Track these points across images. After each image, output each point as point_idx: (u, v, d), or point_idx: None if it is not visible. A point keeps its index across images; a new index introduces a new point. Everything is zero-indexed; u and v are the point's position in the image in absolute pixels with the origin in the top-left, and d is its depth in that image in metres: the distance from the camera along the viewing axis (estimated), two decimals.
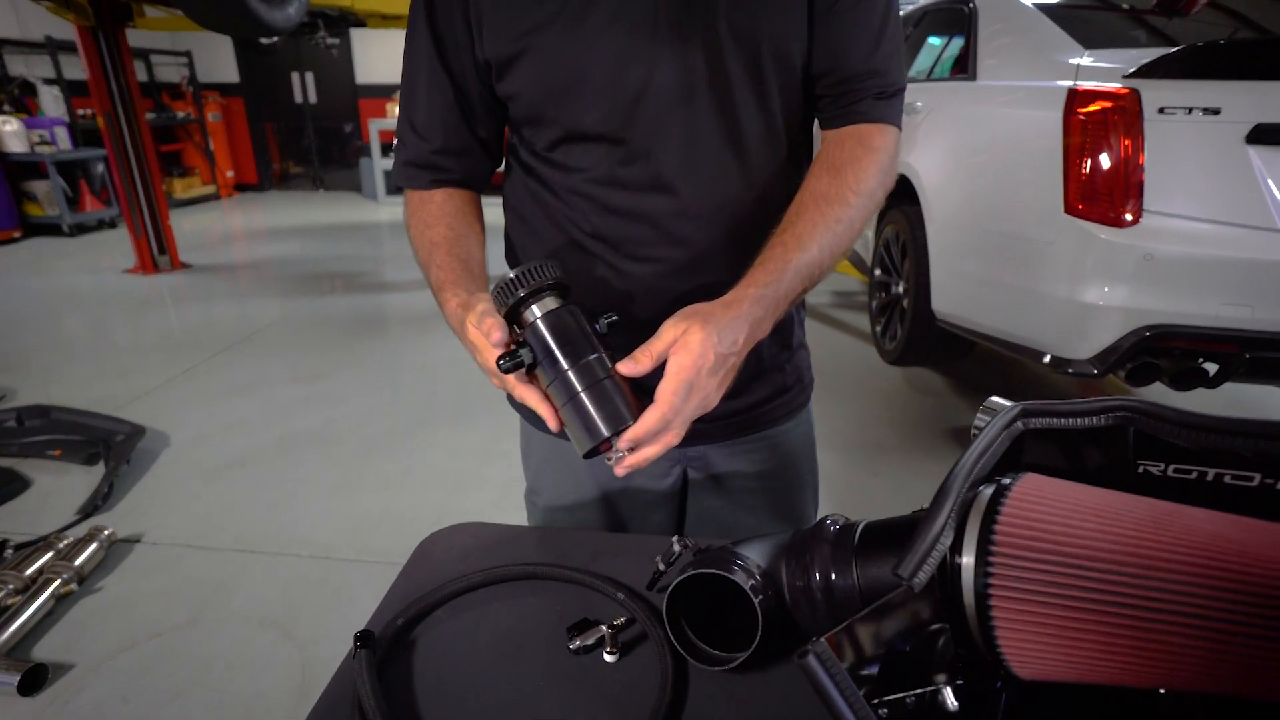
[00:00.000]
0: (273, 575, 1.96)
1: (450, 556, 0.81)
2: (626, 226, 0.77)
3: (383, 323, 4.16)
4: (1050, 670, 0.46)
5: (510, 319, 0.63)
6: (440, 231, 0.78)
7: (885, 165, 0.74)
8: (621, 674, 0.64)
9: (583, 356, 0.61)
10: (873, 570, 0.60)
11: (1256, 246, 1.57)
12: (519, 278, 0.61)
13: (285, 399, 3.06)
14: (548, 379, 0.62)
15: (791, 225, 0.70)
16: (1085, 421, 0.62)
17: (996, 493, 0.53)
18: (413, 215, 0.82)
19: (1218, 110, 1.57)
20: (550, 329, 0.62)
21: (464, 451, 2.64)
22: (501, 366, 0.60)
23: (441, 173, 0.81)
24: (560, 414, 0.63)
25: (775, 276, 0.67)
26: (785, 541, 0.68)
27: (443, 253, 0.76)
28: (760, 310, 0.65)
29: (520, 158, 0.83)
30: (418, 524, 2.17)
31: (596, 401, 0.61)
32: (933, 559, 0.50)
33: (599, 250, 0.79)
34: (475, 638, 0.67)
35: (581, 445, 0.62)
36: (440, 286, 0.74)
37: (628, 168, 0.74)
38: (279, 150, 9.06)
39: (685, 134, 0.73)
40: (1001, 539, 0.49)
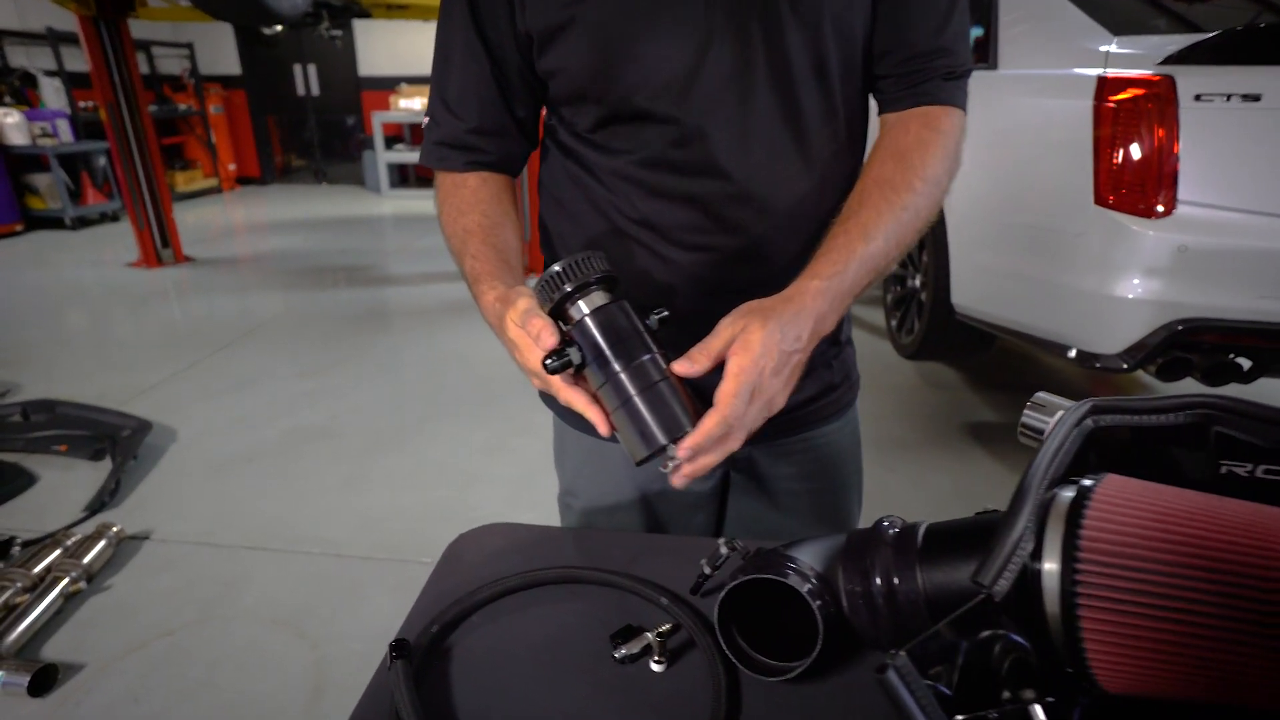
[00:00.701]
0: (283, 573, 1.93)
1: (481, 558, 0.77)
2: (675, 212, 0.73)
3: (387, 317, 4.12)
4: (1142, 684, 0.43)
5: (554, 315, 0.59)
6: (474, 219, 0.74)
7: (952, 150, 0.70)
8: (670, 684, 0.61)
9: (636, 357, 0.57)
10: (939, 575, 0.57)
11: None
12: (565, 271, 0.57)
13: (291, 393, 3.03)
14: (598, 381, 0.58)
15: (855, 214, 0.66)
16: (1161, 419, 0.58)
17: (1079, 495, 0.50)
18: (445, 200, 0.77)
19: (1258, 96, 1.53)
20: (600, 327, 0.57)
21: (472, 447, 2.60)
22: (548, 367, 0.56)
23: (476, 154, 0.77)
24: (612, 418, 0.58)
25: (839, 268, 0.63)
26: (840, 545, 0.65)
27: (478, 241, 0.72)
28: (824, 304, 0.61)
29: (559, 140, 0.79)
30: (428, 521, 2.17)
31: (652, 406, 0.57)
32: (1013, 566, 0.47)
33: (645, 237, 0.75)
34: (513, 645, 0.64)
35: (636, 452, 0.58)
36: (476, 278, 0.70)
37: (679, 149, 0.70)
38: (281, 143, 9.00)
39: (741, 113, 0.69)
40: (1088, 544, 0.46)
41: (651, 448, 0.57)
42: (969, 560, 0.56)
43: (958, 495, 2.24)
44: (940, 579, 0.57)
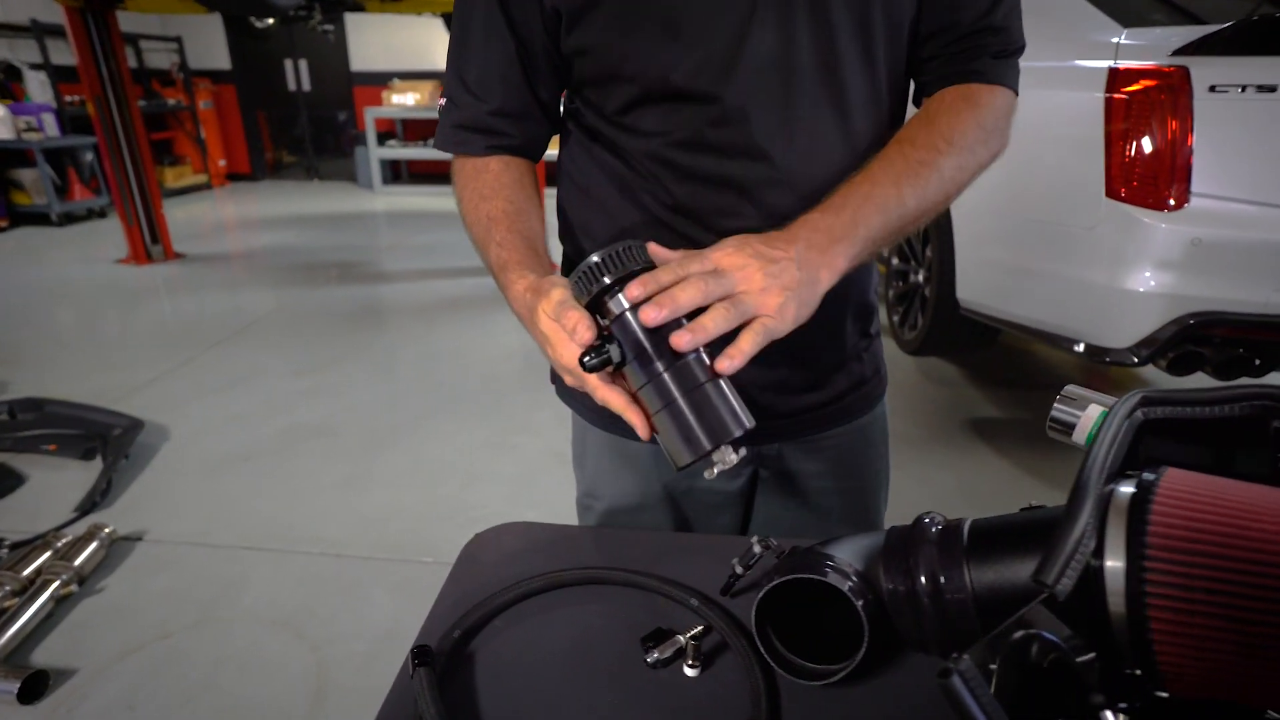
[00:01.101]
0: (282, 573, 1.89)
1: (499, 559, 0.75)
2: (712, 196, 0.70)
3: (383, 314, 4.07)
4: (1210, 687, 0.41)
5: (591, 309, 0.55)
6: (499, 205, 0.70)
7: (988, 123, 0.67)
8: (705, 689, 0.58)
9: (682, 355, 0.53)
10: (988, 574, 0.55)
11: None
12: (604, 262, 0.53)
13: (287, 391, 2.98)
14: (639, 381, 0.54)
15: (866, 167, 0.64)
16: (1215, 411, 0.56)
17: (1141, 490, 0.47)
18: (465, 186, 0.74)
19: (1274, 88, 1.51)
20: (642, 323, 0.53)
21: (472, 445, 2.57)
22: (586, 365, 0.52)
23: (498, 137, 0.73)
24: (653, 421, 0.55)
25: (834, 205, 0.60)
26: (879, 543, 0.62)
27: (503, 229, 0.68)
28: (814, 233, 0.58)
29: (584, 123, 0.75)
30: (429, 520, 2.13)
31: (698, 409, 0.53)
32: (1076, 564, 0.45)
33: (679, 224, 0.72)
34: (539, 649, 0.61)
35: (680, 458, 0.54)
36: (503, 267, 0.66)
37: (718, 130, 0.67)
38: (272, 139, 8.90)
39: (784, 92, 0.65)
40: (1157, 540, 0.44)
41: (697, 453, 0.53)
42: (1020, 559, 0.54)
43: (961, 492, 2.22)
44: (990, 578, 0.54)
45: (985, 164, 0.68)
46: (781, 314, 0.54)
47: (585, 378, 0.55)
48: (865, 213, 0.60)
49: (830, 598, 0.57)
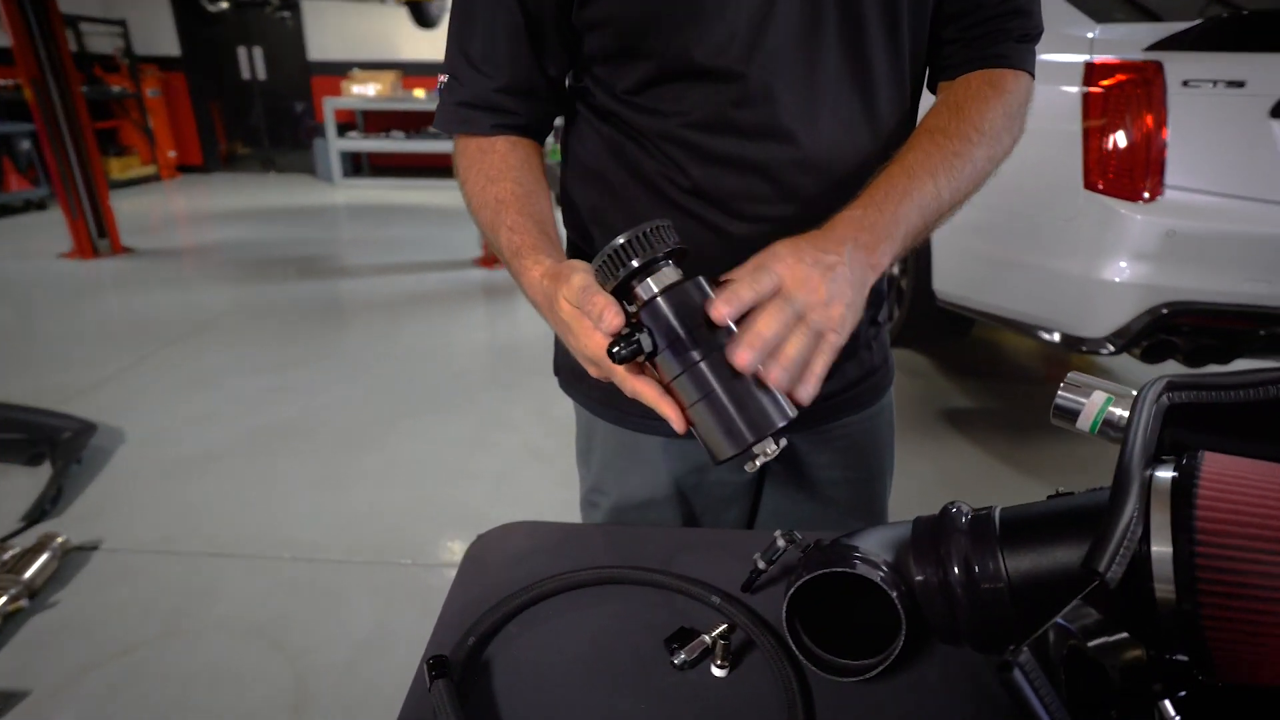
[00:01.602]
0: (254, 580, 1.81)
1: (506, 561, 0.72)
2: (733, 179, 0.67)
3: (350, 309, 3.96)
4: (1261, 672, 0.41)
5: (617, 295, 0.52)
6: (507, 187, 0.67)
7: (1013, 109, 0.66)
8: (735, 689, 0.56)
9: (718, 343, 0.50)
10: (1024, 563, 0.54)
11: (1277, 221, 1.57)
12: (631, 244, 0.50)
13: (253, 390, 2.87)
14: (672, 371, 0.51)
15: (900, 157, 0.62)
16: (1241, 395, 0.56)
17: (1184, 474, 0.47)
18: (470, 167, 0.70)
19: (1242, 83, 1.56)
20: (676, 309, 0.50)
21: (449, 441, 2.51)
22: (616, 355, 0.48)
23: (504, 116, 0.70)
24: (689, 414, 0.51)
25: (875, 199, 0.58)
26: (904, 534, 0.61)
27: (513, 212, 0.65)
28: (861, 231, 0.56)
29: (593, 102, 0.72)
30: (408, 520, 2.07)
31: (739, 399, 0.50)
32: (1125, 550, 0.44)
33: (697, 208, 0.69)
34: (559, 654, 0.59)
35: (721, 451, 0.51)
36: (516, 252, 0.62)
37: (742, 110, 0.64)
38: (225, 130, 8.58)
39: (809, 70, 0.63)
40: (1206, 525, 0.43)
41: (739, 446, 0.50)
42: (1055, 546, 0.53)
43: (943, 483, 2.25)
44: (1026, 567, 0.53)
45: (1009, 152, 0.67)
46: (842, 327, 0.53)
47: (613, 369, 0.52)
48: (905, 209, 0.58)
49: (859, 591, 0.56)
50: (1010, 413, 2.80)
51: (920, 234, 0.61)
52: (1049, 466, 2.37)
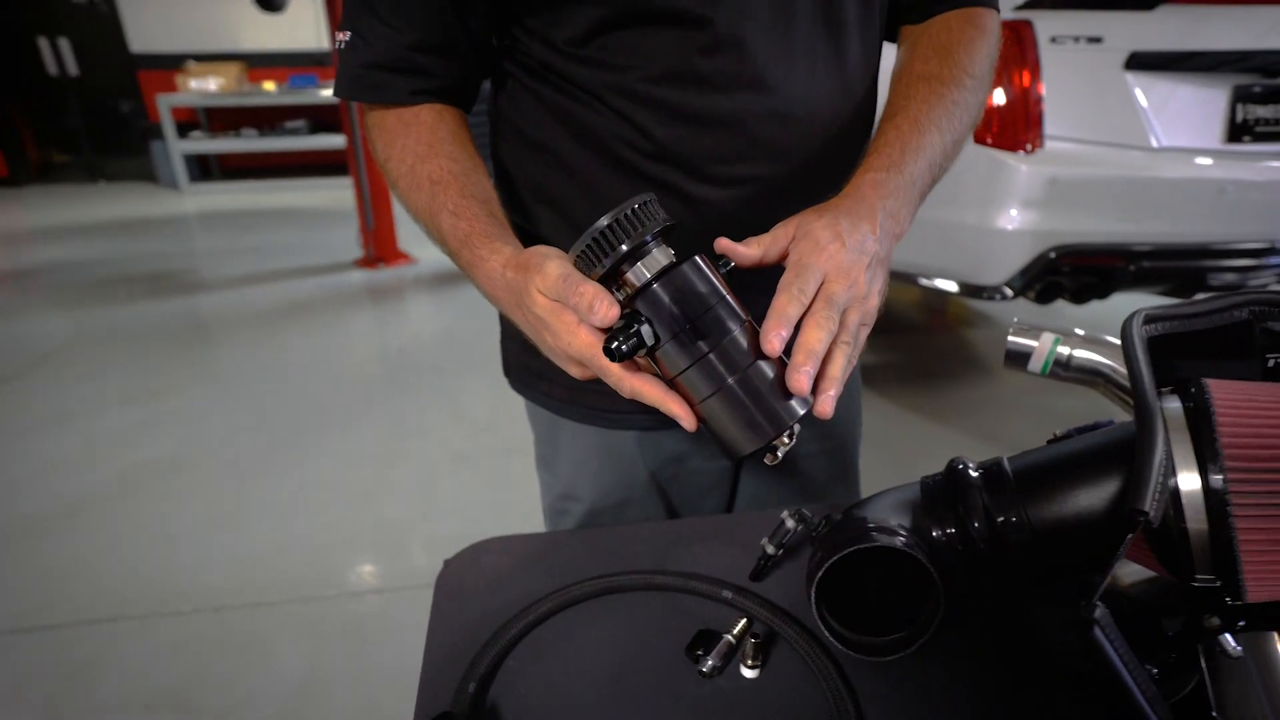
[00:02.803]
0: (150, 642, 1.58)
1: (485, 585, 0.65)
2: (703, 137, 0.61)
3: (218, 326, 3.57)
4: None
5: (604, 284, 0.46)
6: (442, 164, 0.58)
7: (993, 49, 0.65)
8: (771, 688, 0.53)
9: (728, 330, 0.44)
10: (1047, 511, 0.53)
11: (1137, 165, 1.73)
12: (617, 225, 0.44)
13: (119, 426, 2.51)
14: (679, 364, 0.45)
15: (903, 108, 0.59)
16: (1210, 321, 0.59)
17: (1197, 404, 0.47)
18: (392, 143, 0.60)
19: (1100, 39, 1.70)
20: (677, 295, 0.44)
21: (360, 457, 2.32)
22: (615, 352, 0.42)
23: (423, 79, 0.60)
24: (700, 409, 0.46)
25: (894, 158, 0.55)
26: (912, 495, 0.60)
27: (454, 194, 0.57)
28: (887, 197, 0.53)
29: (526, 60, 0.63)
30: (327, 548, 1.88)
31: (757, 390, 0.45)
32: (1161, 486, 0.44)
33: (662, 174, 0.62)
34: (574, 683, 0.54)
35: (741, 446, 0.46)
36: (465, 241, 0.55)
37: (710, 58, 0.58)
38: (34, 136, 7.46)
39: (780, 13, 0.58)
40: (1232, 452, 0.44)
41: (762, 439, 0.46)
42: (1074, 491, 0.53)
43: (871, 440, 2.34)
44: (1050, 514, 0.53)
45: (989, 94, 0.66)
46: (875, 316, 0.50)
47: (607, 367, 0.45)
48: (919, 168, 0.55)
49: (880, 564, 0.54)
50: (910, 363, 2.97)
51: (927, 193, 0.58)
52: (956, 410, 2.53)
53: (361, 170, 4.13)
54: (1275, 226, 1.78)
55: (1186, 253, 1.80)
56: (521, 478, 2.19)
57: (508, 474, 2.22)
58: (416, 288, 4.02)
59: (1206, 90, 1.74)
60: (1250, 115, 1.73)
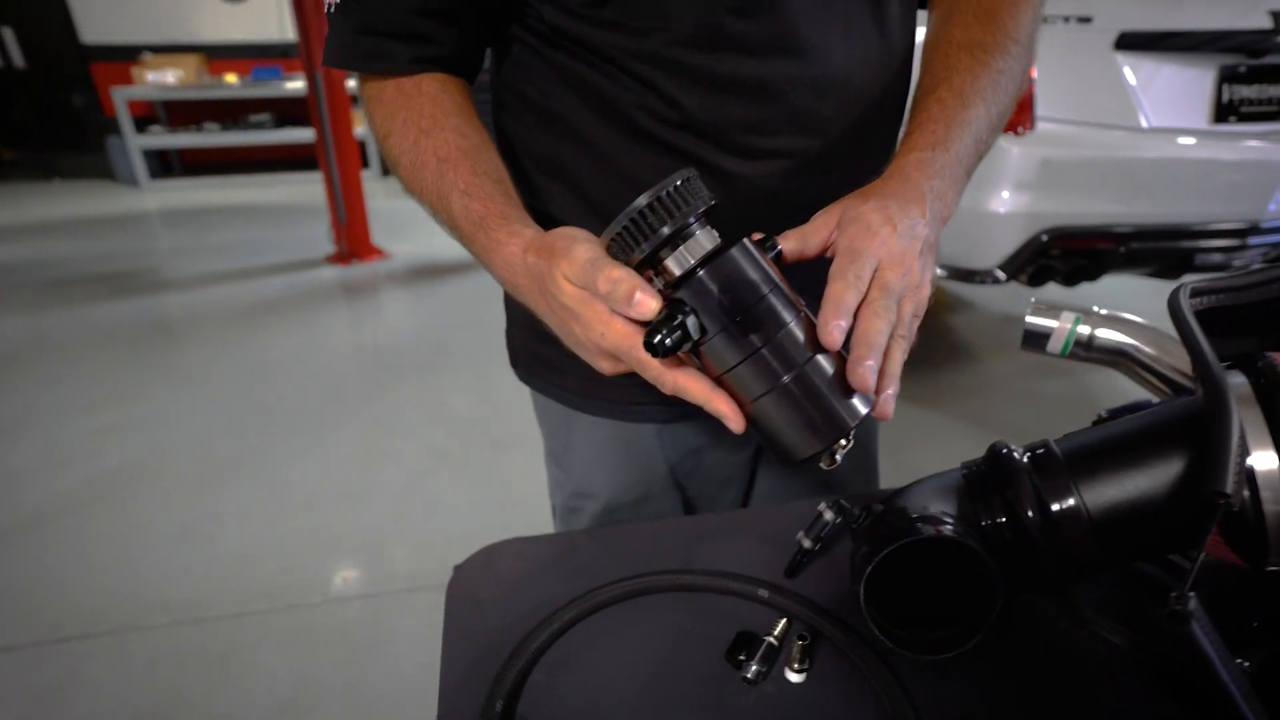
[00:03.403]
0: (125, 660, 1.49)
1: (501, 593, 0.60)
2: (735, 106, 0.56)
3: (185, 328, 3.43)
4: None
5: (641, 269, 0.41)
6: (449, 139, 0.53)
7: (1038, 10, 0.61)
8: (819, 693, 0.50)
9: (783, 321, 0.40)
10: (1102, 495, 0.50)
11: (1128, 146, 1.73)
12: (659, 204, 0.39)
13: (82, 433, 2.39)
14: (728, 359, 0.41)
15: (945, 79, 0.55)
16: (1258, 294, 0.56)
17: (1270, 378, 0.45)
18: (392, 116, 0.55)
19: (1089, 19, 1.69)
20: (726, 284, 0.40)
21: (339, 459, 2.24)
22: (658, 346, 0.38)
23: (424, 46, 0.55)
24: (752, 409, 0.42)
25: (939, 136, 0.51)
26: (954, 482, 0.56)
27: (465, 171, 0.52)
28: (933, 178, 0.49)
29: (536, 25, 0.58)
30: (309, 553, 1.81)
31: (815, 389, 0.40)
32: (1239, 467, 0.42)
33: (689, 146, 0.58)
34: (608, 693, 0.50)
35: (798, 451, 0.42)
36: (480, 222, 0.50)
37: (743, 19, 0.53)
38: None
39: None
40: None
41: (822, 443, 0.41)
42: (1134, 473, 0.50)
43: None
44: (1107, 499, 0.50)
45: (1034, 58, 0.62)
46: (925, 307, 0.46)
47: (645, 362, 0.41)
48: (965, 144, 0.52)
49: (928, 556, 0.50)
50: None
51: (973, 171, 0.54)
52: (944, 396, 2.53)
53: (332, 164, 4.00)
54: (1259, 206, 1.80)
55: (1176, 233, 1.81)
56: (510, 475, 2.14)
57: (495, 472, 2.16)
58: (391, 283, 3.92)
59: (1194, 70, 1.74)
60: (1236, 95, 1.74)
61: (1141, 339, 0.81)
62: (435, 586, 1.69)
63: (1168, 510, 0.47)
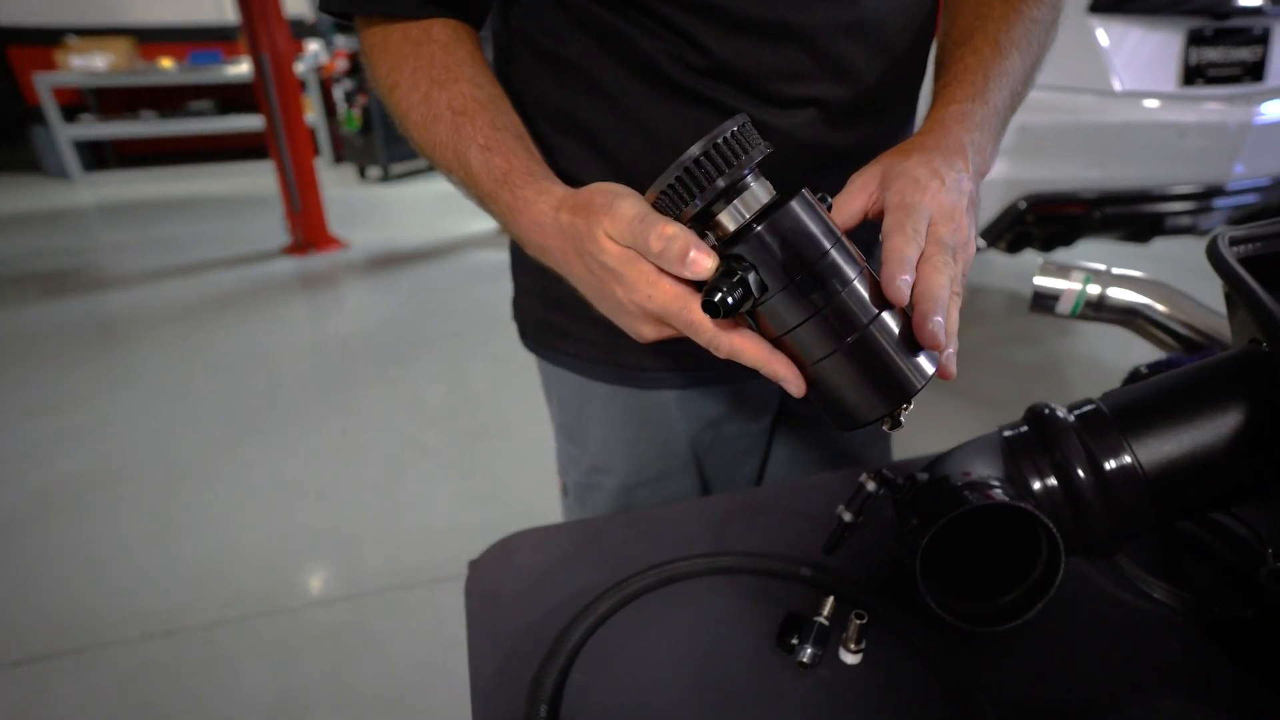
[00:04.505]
0: (94, 677, 1.41)
1: (521, 585, 0.57)
2: (766, 51, 0.53)
3: (134, 326, 3.26)
4: None
5: (695, 224, 0.38)
6: (464, 90, 0.49)
7: None
8: (878, 675, 0.48)
9: (848, 278, 0.37)
10: (1157, 452, 0.49)
11: (1102, 110, 1.75)
12: (714, 153, 0.35)
13: (28, 440, 2.24)
14: (790, 319, 0.38)
15: (980, 28, 0.52)
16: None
17: None
18: (397, 67, 0.50)
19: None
20: (787, 237, 0.36)
21: (312, 455, 2.15)
22: (719, 306, 0.35)
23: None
24: (813, 371, 0.39)
25: (978, 88, 0.49)
26: (996, 444, 0.55)
27: (484, 125, 0.48)
28: (973, 130, 0.47)
29: None
30: (287, 555, 1.73)
31: (881, 349, 0.38)
32: None
33: (718, 94, 0.54)
34: (656, 687, 0.47)
35: (862, 414, 0.39)
36: (504, 179, 0.46)
37: None
38: None
39: None
40: None
41: (889, 405, 0.39)
42: (1190, 427, 0.48)
43: None
44: (1165, 454, 0.48)
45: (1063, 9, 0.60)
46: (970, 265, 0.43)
47: (701, 323, 0.38)
48: (1002, 96, 0.49)
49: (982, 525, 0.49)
50: None
51: (1008, 123, 0.52)
52: None
53: (283, 151, 3.83)
54: (1225, 169, 1.84)
55: (1148, 197, 1.83)
56: (492, 464, 2.09)
57: (476, 461, 2.11)
58: (352, 273, 3.79)
59: (1162, 33, 1.76)
60: (1203, 58, 1.77)
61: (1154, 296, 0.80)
62: (425, 582, 1.64)
63: (1229, 464, 0.46)
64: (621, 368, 0.67)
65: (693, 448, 0.73)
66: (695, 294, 0.38)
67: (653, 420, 0.70)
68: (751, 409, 0.73)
